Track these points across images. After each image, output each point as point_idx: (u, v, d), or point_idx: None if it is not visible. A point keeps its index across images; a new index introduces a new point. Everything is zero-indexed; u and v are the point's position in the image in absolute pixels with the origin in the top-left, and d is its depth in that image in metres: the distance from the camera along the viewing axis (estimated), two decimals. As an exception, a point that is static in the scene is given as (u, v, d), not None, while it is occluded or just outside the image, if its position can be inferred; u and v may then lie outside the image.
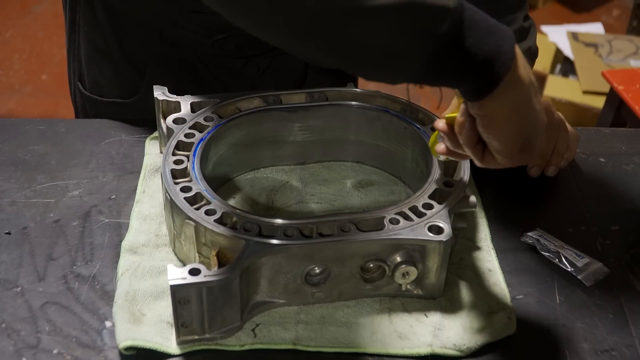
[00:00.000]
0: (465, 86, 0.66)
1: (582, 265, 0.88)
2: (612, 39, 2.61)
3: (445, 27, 0.60)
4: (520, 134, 0.69)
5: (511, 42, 0.65)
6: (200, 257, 0.80)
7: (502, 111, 0.67)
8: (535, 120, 0.70)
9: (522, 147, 0.70)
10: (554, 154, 1.01)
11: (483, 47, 0.63)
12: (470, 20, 0.63)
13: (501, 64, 0.64)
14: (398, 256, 0.78)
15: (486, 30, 0.64)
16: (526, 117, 0.69)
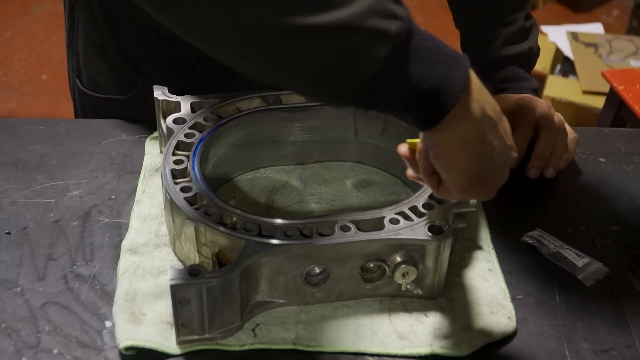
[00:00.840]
0: (411, 115, 0.63)
1: (582, 265, 0.88)
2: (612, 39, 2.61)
3: (385, 51, 0.57)
4: (471, 169, 0.66)
5: (463, 73, 0.61)
6: (200, 257, 0.80)
7: (450, 144, 0.64)
8: (491, 156, 0.66)
9: (475, 183, 0.67)
10: (553, 155, 1.01)
11: (428, 76, 0.60)
12: (418, 47, 0.60)
13: (448, 95, 0.61)
14: (398, 256, 0.78)
15: (434, 59, 0.60)
16: (478, 152, 0.65)
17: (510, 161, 0.69)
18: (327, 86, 0.60)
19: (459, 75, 0.61)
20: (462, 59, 0.62)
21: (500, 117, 0.67)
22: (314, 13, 0.55)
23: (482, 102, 0.63)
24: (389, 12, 0.58)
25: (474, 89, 0.63)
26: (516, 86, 1.07)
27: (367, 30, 0.57)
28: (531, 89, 1.07)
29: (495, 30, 1.08)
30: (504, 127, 0.67)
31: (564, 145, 1.01)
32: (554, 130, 1.00)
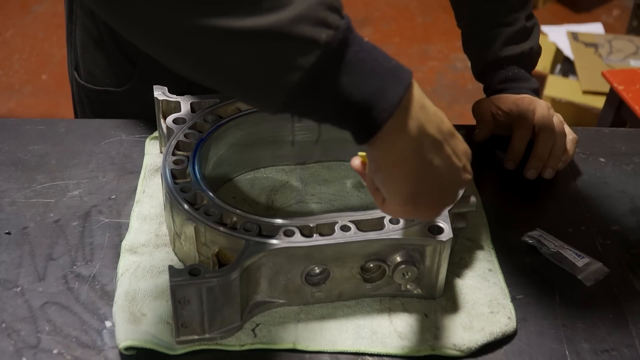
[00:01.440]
0: (346, 128, 0.61)
1: (582, 265, 0.88)
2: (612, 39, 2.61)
3: (313, 60, 0.56)
4: (408, 188, 0.63)
5: (399, 89, 0.59)
6: (200, 257, 0.80)
7: (386, 161, 0.62)
8: (431, 177, 0.64)
9: (415, 203, 0.65)
10: (551, 157, 1.01)
11: (361, 88, 0.58)
12: (352, 59, 0.58)
13: (380, 110, 0.58)
14: (398, 256, 0.78)
15: (369, 72, 0.58)
16: (415, 171, 0.62)
17: (459, 183, 0.67)
18: (254, 92, 0.59)
19: (394, 90, 0.59)
20: (403, 74, 0.60)
21: (448, 137, 0.64)
22: (241, 16, 0.54)
23: (421, 119, 0.61)
24: (320, 20, 0.56)
25: (414, 106, 0.61)
26: (516, 86, 1.07)
27: (295, 38, 0.55)
28: (531, 89, 1.07)
29: (496, 30, 1.08)
30: (453, 148, 0.65)
31: (563, 146, 1.01)
32: (553, 131, 1.00)
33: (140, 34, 0.57)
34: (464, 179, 0.67)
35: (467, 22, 1.12)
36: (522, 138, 1.01)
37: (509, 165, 1.03)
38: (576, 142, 1.03)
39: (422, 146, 0.61)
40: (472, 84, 2.80)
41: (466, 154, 0.67)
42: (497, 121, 1.07)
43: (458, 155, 0.65)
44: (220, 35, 0.54)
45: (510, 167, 1.03)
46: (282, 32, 0.54)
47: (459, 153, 0.66)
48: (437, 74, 3.01)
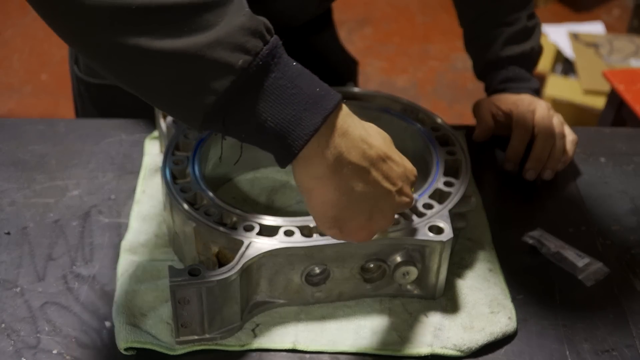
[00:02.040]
0: (265, 150, 0.62)
1: (583, 265, 0.88)
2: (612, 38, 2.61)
3: (226, 84, 0.57)
4: (328, 213, 0.64)
5: (317, 118, 0.59)
6: (200, 257, 0.80)
7: (305, 185, 0.63)
8: (353, 204, 0.63)
9: (339, 227, 0.65)
10: (550, 158, 1.01)
11: (277, 115, 0.59)
12: (271, 85, 0.59)
13: (295, 137, 0.59)
14: (398, 256, 0.78)
15: (287, 99, 0.59)
16: (334, 197, 0.63)
17: (392, 207, 0.66)
18: (175, 110, 0.60)
19: (310, 119, 0.59)
20: (325, 103, 0.60)
21: (377, 162, 0.64)
22: (161, 37, 0.55)
23: (341, 147, 0.61)
24: (238, 46, 0.57)
25: (335, 134, 0.61)
26: (517, 86, 1.07)
27: (210, 62, 0.56)
28: (532, 89, 1.07)
29: (497, 30, 1.08)
30: (384, 172, 0.64)
31: (562, 147, 1.01)
32: (552, 132, 1.00)
33: (72, 44, 0.59)
34: (400, 202, 0.67)
35: (469, 21, 1.12)
36: (521, 139, 1.01)
37: (508, 165, 1.03)
38: (576, 142, 1.03)
39: (340, 173, 0.61)
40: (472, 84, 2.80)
41: (403, 176, 0.66)
42: (497, 121, 1.07)
43: (391, 179, 0.65)
44: (140, 54, 0.56)
45: (510, 168, 1.03)
46: (197, 55, 0.55)
47: (393, 177, 0.65)
48: (437, 74, 3.01)
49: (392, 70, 3.02)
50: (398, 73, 3.01)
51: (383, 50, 3.14)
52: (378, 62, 3.05)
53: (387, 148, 0.65)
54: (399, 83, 2.94)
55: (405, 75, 2.98)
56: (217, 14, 0.57)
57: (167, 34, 0.55)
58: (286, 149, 0.60)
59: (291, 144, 0.59)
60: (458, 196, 0.83)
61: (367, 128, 0.65)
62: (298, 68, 0.61)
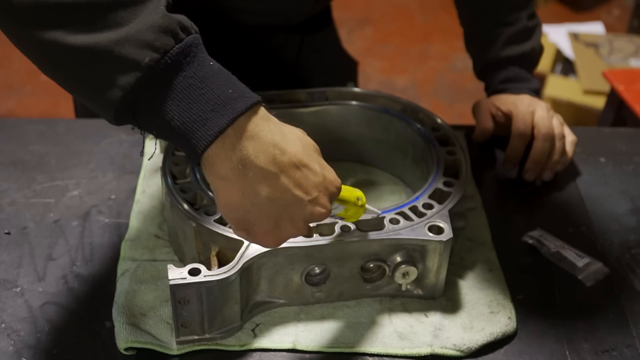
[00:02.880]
0: (177, 146, 0.62)
1: (583, 265, 0.88)
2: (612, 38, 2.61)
3: (132, 81, 0.57)
4: (233, 215, 0.63)
5: (223, 120, 0.59)
6: (200, 257, 0.80)
7: (213, 185, 0.63)
8: (258, 208, 0.62)
9: (245, 229, 0.64)
10: (550, 159, 1.00)
11: (182, 114, 0.59)
12: (180, 83, 0.59)
13: (198, 138, 0.59)
14: (398, 256, 0.78)
15: (195, 99, 0.59)
16: (238, 200, 0.62)
17: (303, 216, 0.64)
18: (91, 103, 0.61)
19: (216, 120, 0.59)
20: (235, 105, 0.60)
21: (289, 169, 0.62)
22: (74, 32, 0.56)
23: (247, 151, 0.60)
24: (146, 43, 0.57)
25: (243, 137, 0.60)
26: (516, 87, 1.07)
27: (118, 58, 0.57)
28: (532, 90, 1.07)
29: (497, 30, 1.08)
30: (296, 180, 0.63)
31: (561, 148, 1.01)
32: (551, 133, 1.00)
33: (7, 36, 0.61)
34: (313, 212, 0.65)
35: (469, 20, 1.12)
36: (521, 139, 1.01)
37: (507, 166, 1.03)
38: (575, 143, 1.03)
39: (245, 176, 0.61)
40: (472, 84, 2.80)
41: (319, 186, 0.64)
42: (496, 122, 1.07)
43: (303, 188, 0.63)
44: (56, 49, 0.57)
45: (509, 169, 1.03)
46: (107, 51, 0.57)
47: (306, 185, 0.63)
48: (437, 74, 3.01)
49: (392, 70, 3.02)
50: (398, 73, 3.01)
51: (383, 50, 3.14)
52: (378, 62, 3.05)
53: (305, 156, 0.64)
54: (399, 83, 2.94)
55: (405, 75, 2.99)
56: (130, 12, 0.58)
57: (81, 30, 0.57)
58: (191, 148, 0.60)
59: (195, 144, 0.59)
60: (458, 196, 0.83)
61: (288, 134, 0.63)
62: (214, 69, 0.61)
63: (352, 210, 0.72)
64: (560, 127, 1.01)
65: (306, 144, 0.65)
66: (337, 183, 0.66)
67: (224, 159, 0.60)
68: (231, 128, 0.59)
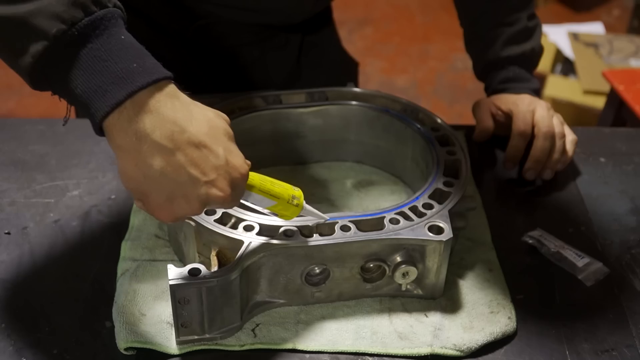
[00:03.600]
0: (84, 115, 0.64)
1: (582, 265, 0.88)
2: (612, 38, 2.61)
3: (40, 49, 0.61)
4: (129, 185, 0.65)
5: (121, 92, 0.60)
6: (200, 257, 0.80)
7: (113, 153, 0.64)
8: (152, 181, 0.63)
9: (142, 200, 0.65)
10: (550, 158, 1.01)
11: (84, 84, 0.61)
12: (86, 55, 0.61)
13: (97, 108, 0.61)
14: (398, 256, 0.78)
15: (98, 71, 0.61)
16: (132, 171, 0.63)
17: (197, 196, 0.64)
18: (13, 69, 0.65)
19: (115, 92, 0.60)
20: (137, 78, 0.61)
21: (185, 147, 0.63)
22: None
23: (144, 125, 0.61)
24: (55, 15, 0.60)
25: (143, 110, 0.61)
26: (516, 86, 1.07)
27: (30, 28, 0.60)
28: (532, 90, 1.07)
29: (497, 30, 1.08)
30: (192, 159, 0.63)
31: (562, 147, 1.01)
32: (552, 132, 1.00)
33: None
34: (209, 194, 0.64)
35: (469, 20, 1.12)
36: (521, 138, 1.01)
37: (507, 165, 1.03)
38: (575, 142, 1.03)
39: (140, 149, 0.62)
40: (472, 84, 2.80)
41: (220, 169, 0.65)
42: (497, 121, 1.07)
43: (201, 168, 0.63)
44: None
45: (509, 168, 1.03)
46: (22, 21, 0.60)
47: (204, 166, 0.64)
48: (437, 74, 3.01)
49: (392, 70, 3.02)
50: (398, 73, 3.01)
51: (383, 50, 3.14)
52: (378, 62, 3.06)
53: (209, 137, 0.64)
54: (399, 83, 2.95)
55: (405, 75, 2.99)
56: None
57: (2, 2, 0.60)
58: (92, 118, 0.62)
59: (94, 114, 0.61)
60: (458, 196, 0.83)
61: (195, 114, 0.64)
62: (124, 43, 0.63)
63: (283, 207, 0.73)
64: (561, 126, 1.02)
65: (215, 126, 0.65)
66: (242, 170, 0.66)
67: (120, 130, 0.62)
68: (129, 101, 0.61)
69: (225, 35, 1.07)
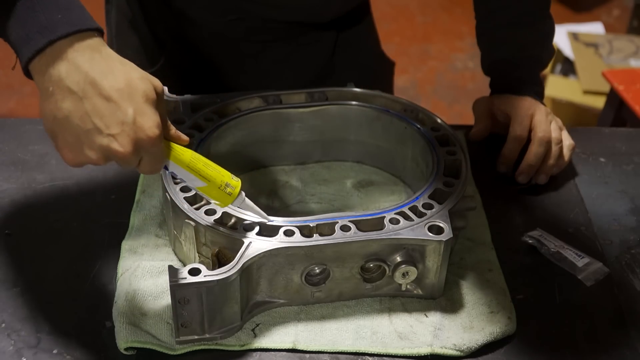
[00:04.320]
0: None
1: (582, 265, 0.88)
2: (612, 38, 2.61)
3: None
4: (45, 124, 0.70)
5: (42, 41, 0.66)
6: (200, 257, 0.80)
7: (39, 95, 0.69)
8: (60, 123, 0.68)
9: (54, 140, 0.70)
10: (544, 163, 1.00)
11: (16, 32, 0.67)
12: (21, 6, 0.67)
13: (23, 54, 0.67)
14: (398, 256, 0.78)
15: (28, 20, 0.66)
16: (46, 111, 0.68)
17: (101, 148, 0.68)
18: None
19: (38, 40, 0.66)
20: (58, 28, 0.66)
21: (92, 98, 0.66)
22: None
23: (61, 72, 0.66)
24: None
25: (60, 58, 0.66)
26: (521, 88, 1.06)
27: None
28: (535, 92, 1.06)
29: (510, 29, 1.07)
30: (97, 110, 0.67)
31: (557, 153, 1.00)
32: (548, 137, 0.99)
33: None
34: (110, 148, 0.68)
35: (484, 14, 1.11)
36: (517, 142, 1.01)
37: (500, 167, 1.03)
38: (573, 148, 1.03)
39: (53, 92, 0.67)
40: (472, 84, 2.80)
41: (125, 126, 0.67)
42: (496, 120, 1.07)
43: (105, 121, 0.67)
44: None
45: (502, 170, 1.03)
46: None
47: (108, 120, 0.67)
48: (437, 74, 3.00)
49: (392, 70, 3.02)
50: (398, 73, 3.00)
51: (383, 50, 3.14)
52: (378, 62, 3.05)
53: (121, 94, 0.67)
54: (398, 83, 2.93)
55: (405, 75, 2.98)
56: None
57: None
58: (20, 62, 0.68)
59: (21, 59, 0.68)
60: (458, 196, 0.83)
61: (115, 70, 0.67)
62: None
63: (214, 192, 0.74)
64: (558, 132, 1.01)
65: (133, 86, 0.67)
66: (150, 132, 0.67)
67: (40, 73, 0.67)
68: (50, 48, 0.66)
69: (254, 31, 1.08)
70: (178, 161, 0.72)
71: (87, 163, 0.70)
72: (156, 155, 0.70)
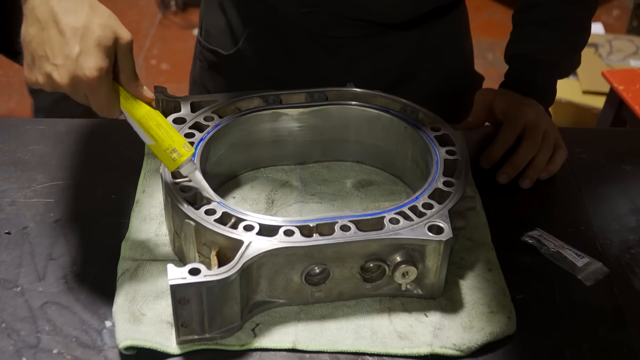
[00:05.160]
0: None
1: (582, 265, 0.88)
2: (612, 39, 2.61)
3: None
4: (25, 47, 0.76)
5: None
6: (200, 257, 0.80)
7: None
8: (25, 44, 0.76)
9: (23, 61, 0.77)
10: (530, 167, 1.00)
11: None
12: None
13: None
14: (398, 256, 0.78)
15: None
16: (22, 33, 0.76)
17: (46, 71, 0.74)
18: None
19: None
20: None
21: (48, 29, 0.74)
22: None
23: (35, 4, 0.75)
24: None
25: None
26: (529, 90, 1.06)
27: None
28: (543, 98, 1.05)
29: (544, 29, 1.06)
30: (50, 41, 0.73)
31: (545, 159, 1.00)
32: (537, 142, 0.99)
33: None
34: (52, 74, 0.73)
35: (523, 5, 1.09)
36: (504, 141, 1.01)
37: (483, 163, 1.02)
38: (565, 157, 1.02)
39: (27, 19, 0.76)
40: (472, 84, 2.79)
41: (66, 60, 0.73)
42: (493, 115, 1.06)
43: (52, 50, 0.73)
44: None
45: (484, 167, 1.02)
46: None
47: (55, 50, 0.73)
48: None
49: (392, 71, 3.01)
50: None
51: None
52: (378, 62, 3.05)
53: (74, 32, 0.73)
54: (398, 83, 2.94)
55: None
56: None
57: None
58: None
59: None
60: (458, 196, 0.83)
61: (80, 11, 0.74)
62: None
63: (160, 153, 0.78)
64: (551, 139, 1.00)
65: (89, 29, 0.73)
66: (87, 72, 0.73)
67: (24, 2, 0.76)
68: None
69: (330, 26, 1.08)
70: (131, 113, 0.77)
71: (37, 85, 0.76)
72: (100, 98, 0.75)
